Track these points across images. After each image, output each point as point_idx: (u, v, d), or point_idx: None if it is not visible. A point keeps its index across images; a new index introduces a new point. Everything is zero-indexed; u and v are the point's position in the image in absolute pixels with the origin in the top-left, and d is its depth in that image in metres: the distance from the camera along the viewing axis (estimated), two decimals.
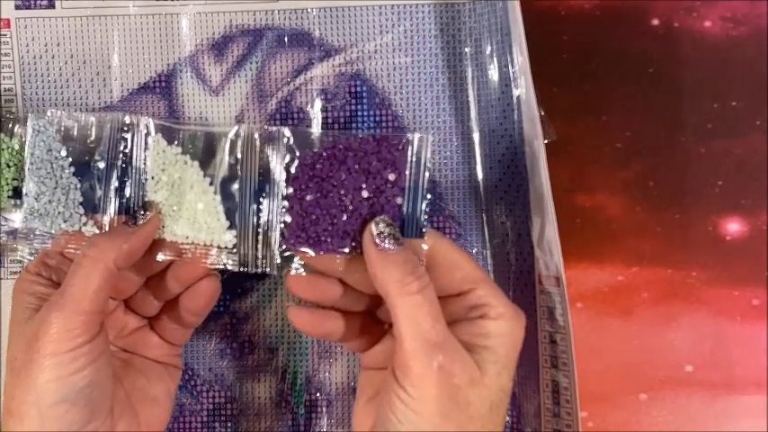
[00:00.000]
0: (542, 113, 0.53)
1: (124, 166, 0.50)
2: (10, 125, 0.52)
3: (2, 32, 0.57)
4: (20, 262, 0.57)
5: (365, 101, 0.57)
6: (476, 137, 0.56)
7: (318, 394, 0.57)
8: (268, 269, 0.49)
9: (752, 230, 0.60)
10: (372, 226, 0.46)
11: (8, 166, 0.52)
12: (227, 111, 0.57)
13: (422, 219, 0.47)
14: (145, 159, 0.50)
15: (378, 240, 0.46)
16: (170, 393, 0.52)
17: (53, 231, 0.50)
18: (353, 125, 0.57)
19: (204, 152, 0.50)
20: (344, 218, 0.47)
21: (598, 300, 0.60)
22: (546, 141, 0.54)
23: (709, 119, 0.60)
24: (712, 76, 0.60)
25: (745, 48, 0.60)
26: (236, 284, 0.57)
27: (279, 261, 0.49)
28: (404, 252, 0.45)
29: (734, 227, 0.60)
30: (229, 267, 0.50)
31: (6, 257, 0.57)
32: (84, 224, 0.50)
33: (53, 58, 0.57)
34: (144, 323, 0.53)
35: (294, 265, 0.49)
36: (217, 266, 0.50)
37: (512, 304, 0.46)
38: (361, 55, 0.57)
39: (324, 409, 0.57)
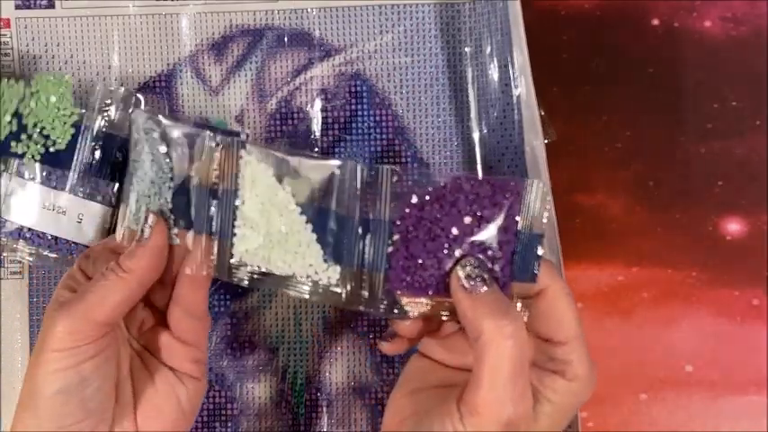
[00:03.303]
0: (542, 113, 0.53)
1: (216, 186, 0.47)
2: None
3: (2, 32, 0.57)
4: (19, 262, 0.57)
5: (365, 101, 0.57)
6: (476, 137, 0.56)
7: (319, 394, 0.57)
8: (371, 310, 0.47)
9: (752, 230, 0.60)
10: (459, 269, 0.45)
11: (57, 108, 0.51)
12: (227, 110, 0.57)
13: (534, 264, 0.45)
14: (237, 182, 0.47)
15: (465, 282, 0.44)
16: (180, 408, 0.49)
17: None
18: (353, 125, 0.57)
19: (303, 182, 0.47)
20: (451, 264, 0.45)
21: (598, 300, 0.60)
22: (546, 141, 0.54)
23: (709, 119, 0.60)
24: (712, 76, 0.60)
25: (745, 48, 0.60)
26: (236, 285, 0.57)
27: (384, 305, 0.47)
28: (494, 292, 0.44)
29: (734, 227, 0.60)
30: (329, 303, 0.48)
31: (6, 258, 0.57)
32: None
33: (53, 58, 0.57)
34: (158, 321, 0.50)
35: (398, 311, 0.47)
36: (315, 299, 0.48)
37: (590, 367, 0.45)
38: (361, 55, 0.57)
39: (324, 409, 0.57)
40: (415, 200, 0.45)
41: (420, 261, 0.45)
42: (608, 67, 0.60)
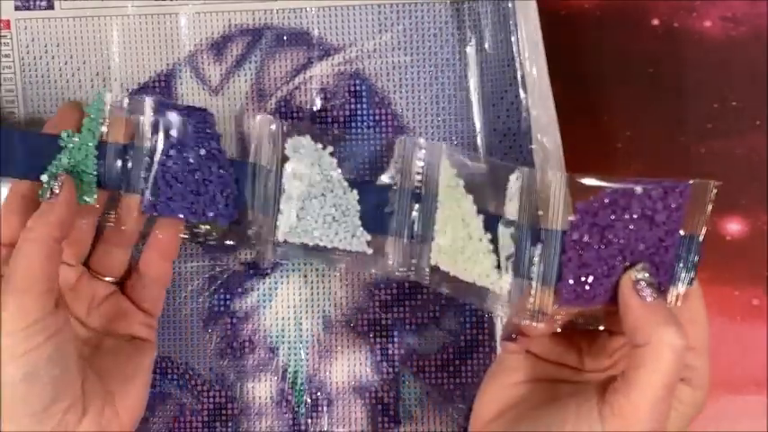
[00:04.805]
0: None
1: (418, 191, 0.49)
2: None
3: (2, 34, 0.57)
4: None
5: (364, 100, 0.57)
6: (476, 135, 0.56)
7: (319, 393, 0.57)
8: (535, 323, 0.45)
9: (752, 230, 0.60)
10: (634, 274, 0.44)
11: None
12: (226, 110, 0.57)
13: (694, 270, 0.45)
14: (436, 186, 0.48)
15: (639, 288, 0.43)
16: (144, 369, 0.51)
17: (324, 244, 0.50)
18: (353, 124, 0.57)
19: (482, 188, 0.48)
20: (620, 270, 0.44)
21: None
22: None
23: (709, 119, 0.60)
24: (712, 76, 0.60)
25: (745, 48, 0.60)
26: (236, 284, 0.57)
27: (559, 317, 0.45)
28: (663, 300, 0.44)
29: (734, 227, 0.60)
30: (499, 314, 0.48)
31: None
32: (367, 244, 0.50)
33: (53, 58, 0.57)
34: (114, 289, 0.52)
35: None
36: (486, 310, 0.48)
37: (709, 377, 0.45)
38: (360, 54, 0.57)
39: (324, 409, 0.57)
40: (588, 206, 0.44)
41: (592, 270, 0.44)
42: (608, 67, 0.60)
